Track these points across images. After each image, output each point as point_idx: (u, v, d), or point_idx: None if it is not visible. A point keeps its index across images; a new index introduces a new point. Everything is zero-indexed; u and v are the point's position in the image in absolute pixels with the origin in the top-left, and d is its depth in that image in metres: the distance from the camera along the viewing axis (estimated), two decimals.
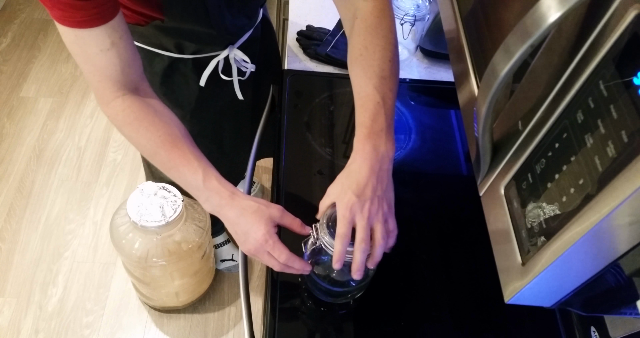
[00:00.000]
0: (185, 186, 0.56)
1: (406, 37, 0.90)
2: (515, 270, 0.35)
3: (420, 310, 0.66)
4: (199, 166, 0.54)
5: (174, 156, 0.54)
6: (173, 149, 0.54)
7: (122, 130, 0.56)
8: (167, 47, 0.72)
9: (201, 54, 0.75)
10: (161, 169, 0.56)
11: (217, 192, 0.54)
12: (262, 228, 0.53)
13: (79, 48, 0.51)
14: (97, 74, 0.52)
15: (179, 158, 0.54)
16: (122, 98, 0.54)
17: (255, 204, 0.54)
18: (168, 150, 0.54)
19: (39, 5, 1.94)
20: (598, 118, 0.29)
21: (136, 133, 0.54)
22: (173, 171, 0.55)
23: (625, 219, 0.27)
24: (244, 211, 0.53)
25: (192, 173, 0.54)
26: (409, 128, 0.87)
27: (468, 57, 0.47)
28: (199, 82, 0.79)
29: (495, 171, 0.40)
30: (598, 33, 0.29)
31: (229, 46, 0.77)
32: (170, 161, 0.54)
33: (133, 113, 0.54)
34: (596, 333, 0.56)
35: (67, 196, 1.43)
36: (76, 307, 1.24)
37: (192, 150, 0.55)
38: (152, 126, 0.54)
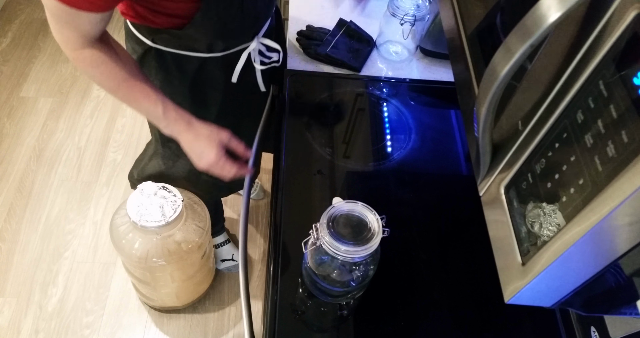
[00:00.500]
0: (147, 115, 0.66)
1: (406, 37, 0.90)
2: (515, 270, 0.35)
3: (420, 310, 0.66)
4: (158, 99, 0.63)
5: (134, 91, 0.63)
6: (134, 85, 0.62)
7: (87, 71, 0.62)
8: (198, 48, 0.73)
9: (230, 50, 0.75)
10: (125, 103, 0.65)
11: (175, 120, 0.65)
12: (214, 151, 0.66)
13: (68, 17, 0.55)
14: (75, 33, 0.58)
15: (139, 92, 0.63)
16: (91, 47, 0.60)
17: (208, 130, 0.66)
18: (129, 85, 0.62)
19: (38, 5, 1.94)
20: (598, 118, 0.29)
21: (101, 74, 0.62)
22: (135, 104, 0.64)
23: (625, 219, 0.27)
24: (198, 136, 0.66)
25: (152, 105, 0.63)
26: (409, 127, 0.87)
27: (468, 57, 0.47)
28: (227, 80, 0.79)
29: (495, 171, 0.40)
30: (598, 33, 0.29)
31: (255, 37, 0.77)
32: (131, 95, 0.63)
33: (99, 59, 0.60)
34: (596, 333, 0.56)
35: (67, 196, 1.43)
36: (76, 307, 1.24)
37: (150, 86, 0.64)
38: (116, 66, 0.61)
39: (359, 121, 0.87)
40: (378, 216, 0.56)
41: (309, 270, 0.60)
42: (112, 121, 1.62)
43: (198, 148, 0.67)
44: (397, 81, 0.93)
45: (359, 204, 0.57)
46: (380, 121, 0.87)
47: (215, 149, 0.66)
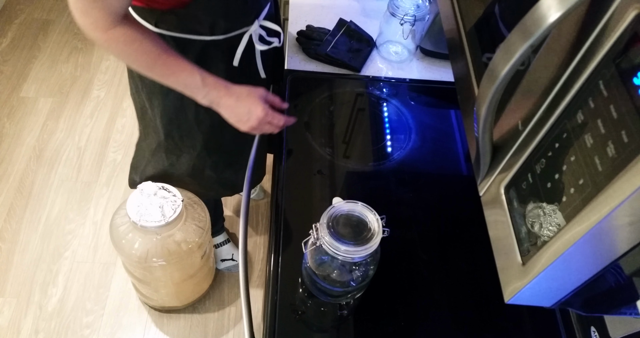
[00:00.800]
0: (184, 88, 0.67)
1: (406, 37, 0.90)
2: (515, 270, 0.35)
3: (420, 310, 0.66)
4: (194, 68, 0.65)
5: (170, 65, 0.64)
6: (169, 59, 0.64)
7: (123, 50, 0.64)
8: (201, 30, 0.73)
9: (232, 33, 0.76)
10: (160, 79, 0.66)
11: (215, 86, 0.67)
12: (260, 105, 0.69)
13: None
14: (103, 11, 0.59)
15: (175, 65, 0.65)
16: (121, 25, 0.61)
17: (246, 89, 0.69)
18: (165, 59, 0.64)
19: (38, 5, 1.94)
20: (598, 118, 0.29)
21: (136, 52, 0.63)
22: (172, 77, 0.66)
23: (625, 219, 0.27)
24: (240, 97, 0.68)
25: (190, 75, 0.65)
26: (409, 127, 0.87)
27: (468, 57, 0.47)
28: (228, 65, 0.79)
29: (495, 171, 0.40)
30: (598, 33, 0.29)
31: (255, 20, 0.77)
32: (168, 69, 0.65)
33: (132, 35, 0.62)
34: (596, 333, 0.56)
35: (67, 196, 1.43)
36: (76, 307, 1.24)
37: (182, 57, 0.66)
38: (148, 43, 0.63)
39: (359, 121, 0.87)
40: (378, 216, 0.56)
41: (309, 270, 0.60)
42: (112, 121, 1.62)
43: (243, 108, 0.69)
44: (397, 81, 0.93)
45: (359, 204, 0.57)
46: (380, 121, 0.87)
47: (260, 103, 0.69)
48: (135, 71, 0.75)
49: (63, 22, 1.89)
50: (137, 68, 0.66)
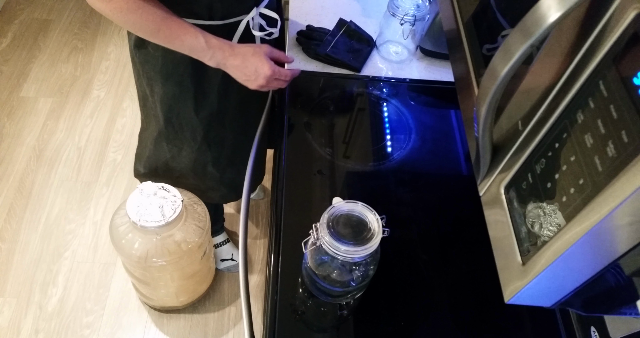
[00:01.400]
0: (190, 51, 0.68)
1: (406, 37, 0.90)
2: (515, 270, 0.35)
3: (420, 310, 0.66)
4: (197, 31, 0.66)
5: (174, 28, 0.66)
6: (171, 23, 0.65)
7: (128, 19, 0.65)
8: (198, 12, 0.73)
9: (230, 19, 0.76)
10: (165, 44, 0.67)
11: (219, 48, 0.68)
12: (266, 63, 0.70)
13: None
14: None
15: (178, 29, 0.66)
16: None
17: (251, 48, 0.70)
18: (168, 25, 0.65)
19: (39, 5, 1.94)
20: (598, 118, 0.29)
21: (140, 18, 0.65)
22: (177, 41, 0.67)
23: (625, 219, 0.27)
24: (245, 56, 0.69)
25: (194, 38, 0.66)
26: (409, 128, 0.87)
27: (468, 57, 0.47)
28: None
29: (495, 171, 0.40)
30: (598, 33, 0.29)
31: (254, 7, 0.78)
32: (172, 33, 0.66)
33: (134, 3, 0.63)
34: (596, 333, 0.56)
35: (67, 196, 1.43)
36: (76, 307, 1.24)
37: (185, 21, 0.67)
38: (150, 10, 0.64)
39: (359, 121, 0.87)
40: (378, 216, 0.56)
41: (309, 270, 0.60)
42: (112, 121, 1.62)
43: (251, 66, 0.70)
44: (397, 81, 0.93)
45: (359, 204, 0.57)
46: (380, 121, 0.87)
47: (267, 61, 0.70)
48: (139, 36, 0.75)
49: (63, 22, 1.89)
50: (143, 34, 0.67)
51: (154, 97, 0.85)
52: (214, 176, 0.97)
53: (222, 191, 1.04)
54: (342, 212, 0.56)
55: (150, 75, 0.82)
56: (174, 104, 0.84)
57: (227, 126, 0.89)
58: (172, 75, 0.79)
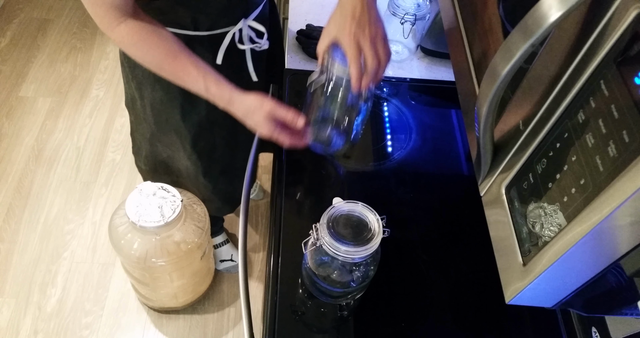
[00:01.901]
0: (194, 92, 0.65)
1: (407, 36, 0.90)
2: (516, 271, 0.35)
3: (421, 310, 0.66)
4: (199, 75, 0.63)
5: (176, 69, 0.63)
6: (174, 62, 0.63)
7: (129, 51, 0.64)
8: (183, 23, 0.72)
9: (216, 30, 0.75)
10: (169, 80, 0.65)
11: (219, 97, 0.64)
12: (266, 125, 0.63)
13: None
14: (103, 5, 0.59)
15: (181, 70, 0.63)
16: (125, 23, 0.60)
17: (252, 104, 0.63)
18: (171, 63, 0.63)
19: (37, 4, 1.93)
20: (599, 118, 0.29)
21: (142, 53, 0.63)
22: (179, 82, 0.65)
23: (627, 219, 0.27)
24: (247, 112, 0.64)
25: (194, 82, 0.63)
26: (409, 127, 0.86)
27: (469, 57, 0.47)
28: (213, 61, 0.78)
29: (496, 171, 0.40)
30: (599, 33, 0.29)
31: (242, 18, 0.76)
32: (174, 73, 0.64)
33: (136, 35, 0.61)
34: (597, 333, 0.56)
35: (66, 196, 1.43)
36: (75, 307, 1.23)
37: (191, 60, 0.63)
38: (154, 44, 0.62)
39: None
40: (378, 217, 0.56)
41: (309, 271, 0.60)
42: (111, 121, 1.62)
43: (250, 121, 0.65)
44: (397, 80, 0.93)
45: (359, 205, 0.57)
46: (381, 121, 0.87)
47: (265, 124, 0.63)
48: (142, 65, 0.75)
49: (62, 21, 1.89)
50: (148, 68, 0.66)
51: (144, 101, 0.84)
52: (207, 187, 0.97)
53: (217, 203, 1.03)
54: (342, 212, 0.56)
55: (139, 79, 0.81)
56: (163, 109, 0.83)
57: (216, 135, 0.88)
58: (160, 80, 0.78)
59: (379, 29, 0.58)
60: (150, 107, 0.84)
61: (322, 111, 0.60)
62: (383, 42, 0.58)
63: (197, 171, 0.93)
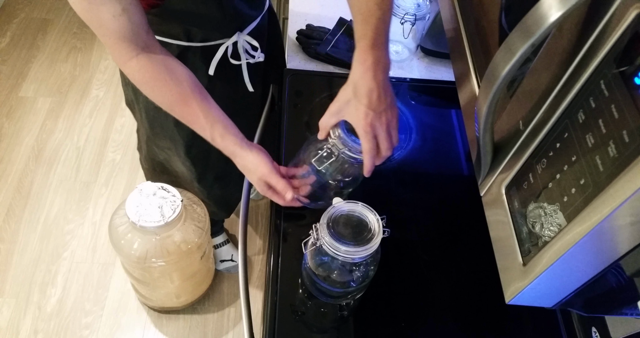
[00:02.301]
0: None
1: (407, 36, 0.90)
2: (516, 271, 0.35)
3: (421, 310, 0.66)
4: (206, 124, 0.61)
5: (185, 114, 0.62)
6: (184, 107, 0.61)
7: (140, 88, 0.63)
8: (176, 34, 0.72)
9: (210, 42, 0.75)
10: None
11: (222, 149, 0.63)
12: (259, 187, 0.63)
13: (91, 14, 0.56)
14: (111, 37, 0.57)
15: (189, 115, 0.62)
16: (137, 58, 0.58)
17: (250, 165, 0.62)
18: (181, 108, 0.62)
19: (37, 4, 1.93)
20: (599, 118, 0.29)
21: (152, 92, 0.62)
22: (188, 125, 0.64)
23: (627, 219, 0.27)
24: (244, 169, 0.64)
25: (202, 130, 0.62)
26: (409, 127, 0.86)
27: (469, 57, 0.47)
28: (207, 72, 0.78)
29: (496, 171, 0.40)
30: (599, 33, 0.29)
31: (237, 32, 0.76)
32: (183, 117, 0.63)
33: (148, 73, 0.59)
34: (597, 333, 0.56)
35: (66, 196, 1.43)
36: (75, 307, 1.23)
37: (200, 106, 0.61)
38: (165, 85, 0.60)
39: None
40: (378, 217, 0.56)
41: (309, 271, 0.60)
42: (111, 121, 1.62)
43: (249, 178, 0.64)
44: (397, 80, 0.93)
45: (359, 205, 0.57)
46: None
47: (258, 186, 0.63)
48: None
49: (62, 21, 1.89)
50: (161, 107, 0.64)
51: (139, 105, 0.85)
52: (202, 192, 0.97)
53: (211, 207, 1.04)
54: (342, 212, 0.56)
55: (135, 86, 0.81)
56: (157, 116, 0.84)
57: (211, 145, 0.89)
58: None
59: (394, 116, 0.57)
60: (145, 113, 0.84)
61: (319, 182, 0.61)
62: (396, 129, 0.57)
63: (192, 177, 0.94)
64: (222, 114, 0.63)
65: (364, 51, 0.56)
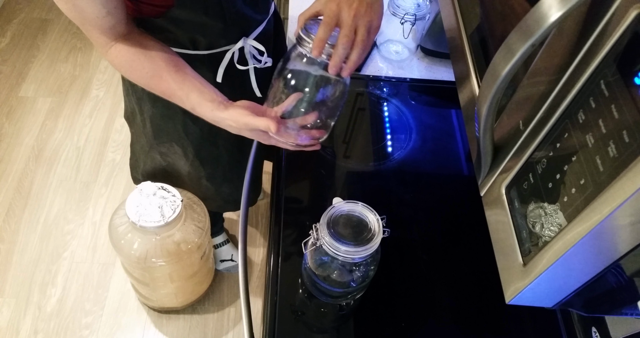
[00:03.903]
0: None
1: (407, 36, 0.90)
2: (516, 271, 0.35)
3: (421, 310, 0.66)
4: (182, 95, 0.62)
5: (163, 89, 0.63)
6: (160, 82, 0.62)
7: (120, 72, 0.65)
8: (182, 42, 0.72)
9: (216, 49, 0.75)
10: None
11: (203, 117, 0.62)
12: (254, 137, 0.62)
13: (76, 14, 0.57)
14: (93, 31, 0.60)
15: (166, 89, 0.63)
16: (115, 46, 0.61)
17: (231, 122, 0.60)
18: (157, 83, 0.63)
19: (37, 4, 1.93)
20: (599, 118, 0.29)
21: (129, 73, 0.63)
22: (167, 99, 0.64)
23: (627, 219, 0.27)
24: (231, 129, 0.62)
25: (180, 102, 0.63)
26: (409, 127, 0.86)
27: (469, 57, 0.47)
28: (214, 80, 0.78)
29: (496, 171, 0.40)
30: (599, 33, 0.29)
31: (243, 37, 0.76)
32: (162, 93, 0.64)
33: (124, 56, 0.61)
34: (597, 333, 0.56)
35: (65, 196, 1.43)
36: (75, 307, 1.23)
37: (174, 78, 0.62)
38: (140, 64, 0.62)
39: (359, 121, 0.87)
40: (378, 217, 0.56)
41: (309, 271, 0.60)
42: (111, 121, 1.62)
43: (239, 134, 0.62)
44: (397, 80, 0.93)
45: (359, 205, 0.57)
46: (381, 121, 0.87)
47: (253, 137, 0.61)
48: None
49: (62, 21, 1.89)
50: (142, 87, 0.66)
51: (143, 115, 0.84)
52: (210, 189, 0.96)
53: (218, 202, 1.03)
54: (342, 212, 0.56)
55: (139, 95, 0.81)
56: (163, 124, 0.83)
57: (220, 146, 0.88)
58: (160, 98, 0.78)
59: (369, 11, 0.51)
60: (150, 121, 0.84)
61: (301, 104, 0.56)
62: (366, 26, 0.51)
63: (200, 176, 0.93)
64: (198, 82, 0.62)
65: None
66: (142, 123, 0.86)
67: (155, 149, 0.90)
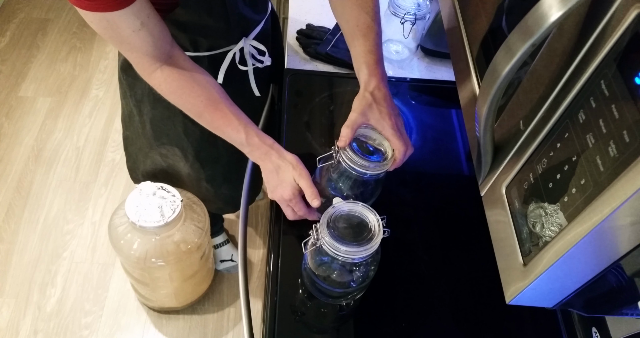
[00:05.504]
0: (230, 141, 0.64)
1: (407, 36, 0.90)
2: (516, 271, 0.35)
3: (421, 310, 0.66)
4: (240, 125, 0.62)
5: (216, 118, 0.62)
6: (215, 112, 0.62)
7: (168, 98, 0.63)
8: (183, 44, 0.72)
9: (216, 50, 0.75)
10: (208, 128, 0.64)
11: (258, 147, 0.63)
12: (288, 188, 0.62)
13: (112, 32, 0.55)
14: (134, 52, 0.58)
15: (221, 119, 0.62)
16: (161, 69, 0.59)
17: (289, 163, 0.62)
18: (211, 113, 0.62)
19: (37, 4, 1.93)
20: (600, 118, 0.29)
21: (180, 100, 0.62)
22: (218, 131, 0.64)
23: (627, 219, 0.27)
24: (278, 167, 0.62)
25: (235, 132, 0.62)
26: (410, 127, 0.86)
27: (469, 57, 0.47)
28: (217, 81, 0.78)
29: (496, 171, 0.40)
30: (599, 33, 0.29)
31: (243, 38, 0.76)
32: (213, 122, 0.62)
33: (174, 82, 0.60)
34: (598, 334, 0.56)
35: (65, 196, 1.43)
36: (75, 307, 1.23)
37: (231, 110, 0.62)
38: (193, 92, 0.61)
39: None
40: (378, 217, 0.56)
41: (309, 271, 0.60)
42: (110, 121, 1.62)
43: (276, 180, 0.63)
44: (397, 80, 0.93)
45: (359, 205, 0.57)
46: None
47: (290, 187, 0.62)
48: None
49: (62, 21, 1.89)
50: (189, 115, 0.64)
51: (142, 117, 0.84)
52: (209, 191, 0.97)
53: (218, 204, 1.03)
54: (343, 212, 0.56)
55: (138, 97, 0.81)
56: (163, 126, 0.83)
57: (219, 146, 0.88)
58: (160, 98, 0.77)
59: (400, 118, 0.64)
60: (150, 123, 0.83)
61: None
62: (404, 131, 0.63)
63: (200, 178, 0.93)
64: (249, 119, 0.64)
65: (372, 63, 0.62)
66: (141, 125, 0.86)
67: (156, 150, 0.90)
